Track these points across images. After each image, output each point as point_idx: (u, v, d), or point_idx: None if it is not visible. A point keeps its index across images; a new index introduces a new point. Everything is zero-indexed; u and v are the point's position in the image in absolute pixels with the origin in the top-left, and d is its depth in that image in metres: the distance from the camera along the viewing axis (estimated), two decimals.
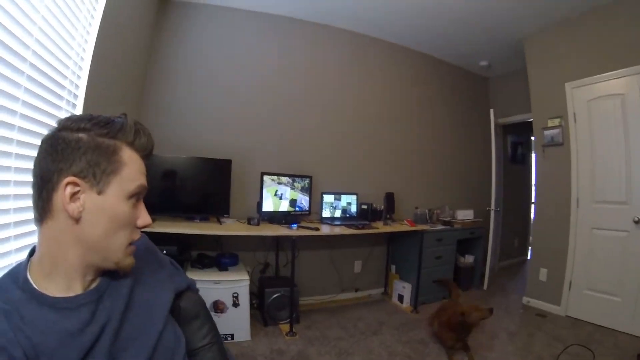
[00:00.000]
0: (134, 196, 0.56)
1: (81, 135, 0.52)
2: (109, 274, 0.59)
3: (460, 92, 3.89)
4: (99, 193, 0.52)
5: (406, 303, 2.99)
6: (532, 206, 4.40)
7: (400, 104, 3.47)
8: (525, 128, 3.83)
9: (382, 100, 3.36)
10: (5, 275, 0.55)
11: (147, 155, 0.60)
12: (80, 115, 0.56)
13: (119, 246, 0.55)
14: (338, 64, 3.16)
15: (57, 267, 0.53)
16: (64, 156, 0.51)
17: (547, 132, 2.93)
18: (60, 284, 0.53)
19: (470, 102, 3.97)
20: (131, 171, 0.55)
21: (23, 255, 1.04)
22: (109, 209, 0.53)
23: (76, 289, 0.54)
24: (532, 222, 3.89)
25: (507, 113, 3.89)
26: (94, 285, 0.57)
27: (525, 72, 3.15)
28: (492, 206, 3.46)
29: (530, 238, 4.03)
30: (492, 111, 3.50)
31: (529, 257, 4.19)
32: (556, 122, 2.87)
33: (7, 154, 0.98)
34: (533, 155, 4.26)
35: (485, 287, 3.42)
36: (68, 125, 0.53)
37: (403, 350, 2.20)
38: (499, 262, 4.12)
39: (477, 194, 3.87)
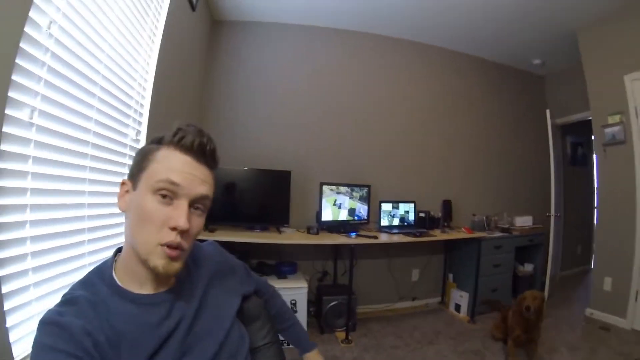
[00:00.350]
0: (161, 191, 0.55)
1: (142, 146, 0.61)
2: (184, 276, 0.65)
3: (515, 93, 3.73)
4: (134, 189, 0.58)
5: (463, 312, 2.90)
6: (595, 211, 4.09)
7: (454, 110, 3.40)
8: (585, 127, 3.59)
9: (436, 107, 3.33)
10: (92, 272, 0.61)
11: (194, 152, 0.58)
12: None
13: (144, 242, 0.55)
14: (392, 72, 3.17)
15: (128, 262, 0.59)
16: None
17: (607, 130, 2.73)
18: (134, 281, 0.59)
19: (526, 102, 3.79)
20: (159, 167, 0.56)
21: (96, 258, 1.17)
22: (137, 202, 0.57)
23: (147, 289, 0.60)
24: (595, 227, 3.62)
25: (565, 112, 3.67)
26: (167, 286, 0.62)
27: (582, 68, 2.96)
28: (552, 212, 3.26)
29: (594, 245, 3.75)
30: (548, 111, 3.32)
31: (592, 266, 3.91)
32: (616, 118, 2.67)
33: (82, 167, 1.10)
34: (594, 156, 3.98)
35: (545, 297, 3.22)
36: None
37: None
38: (561, 271, 3.86)
39: (536, 199, 3.69)
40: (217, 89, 2.70)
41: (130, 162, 1.42)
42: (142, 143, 1.56)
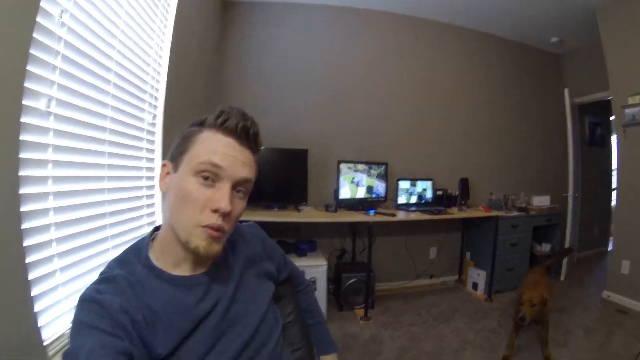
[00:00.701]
0: (203, 173, 0.55)
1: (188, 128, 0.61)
2: (221, 259, 0.65)
3: (532, 71, 3.66)
4: (175, 171, 0.58)
5: (480, 291, 2.92)
6: (614, 192, 4.03)
7: (472, 88, 3.37)
8: (604, 107, 3.51)
9: (453, 85, 3.29)
10: (129, 250, 0.62)
11: (238, 135, 0.58)
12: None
13: (185, 223, 0.55)
14: (408, 50, 3.14)
15: (166, 243, 0.60)
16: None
17: (627, 111, 2.66)
18: (170, 262, 0.59)
19: (543, 81, 3.72)
20: (200, 149, 0.56)
21: (117, 242, 1.20)
22: (178, 184, 0.57)
23: (184, 268, 0.60)
24: (613, 209, 3.57)
25: (583, 92, 3.59)
26: (204, 268, 0.62)
27: (602, 46, 2.88)
28: (570, 192, 3.24)
29: (612, 227, 3.70)
30: (566, 90, 3.27)
31: (609, 248, 3.88)
32: (637, 99, 2.59)
33: (101, 153, 1.11)
34: (613, 137, 3.90)
35: (562, 278, 3.22)
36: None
37: (475, 339, 2.17)
38: (578, 253, 3.83)
39: (554, 179, 3.64)
40: (231, 69, 2.69)
41: (148, 146, 1.46)
42: (159, 127, 1.57)
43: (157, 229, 0.65)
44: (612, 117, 3.22)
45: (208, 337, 0.57)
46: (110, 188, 1.16)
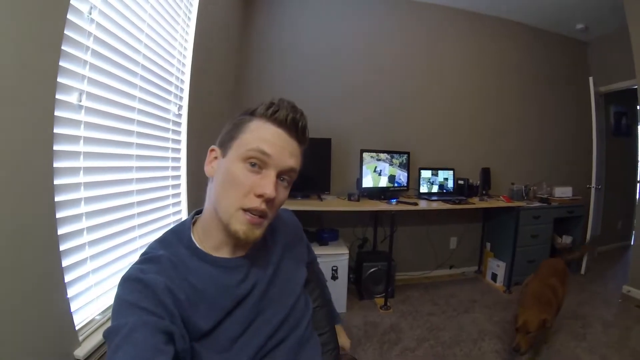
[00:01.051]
0: (251, 160, 0.57)
1: (238, 117, 0.63)
2: (259, 244, 0.66)
3: (557, 59, 3.57)
4: (223, 156, 0.61)
5: (499, 282, 2.91)
6: (638, 185, 3.92)
7: (494, 77, 3.31)
8: (630, 96, 3.40)
9: (476, 74, 3.24)
10: (170, 232, 0.64)
11: (287, 126, 0.60)
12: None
13: (227, 205, 0.57)
14: (431, 40, 3.10)
15: (208, 226, 0.62)
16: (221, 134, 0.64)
17: None
18: (211, 244, 0.62)
19: (568, 69, 3.62)
20: (251, 136, 0.58)
21: (145, 230, 1.24)
22: (225, 168, 0.59)
23: (224, 252, 0.63)
24: (637, 202, 3.48)
25: (609, 80, 3.49)
26: (243, 252, 0.65)
27: (628, 33, 2.78)
28: (593, 183, 3.17)
29: (635, 220, 3.61)
30: (591, 79, 3.18)
31: (632, 242, 3.78)
32: None
33: (129, 144, 1.13)
34: (639, 127, 3.79)
35: (582, 271, 3.17)
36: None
37: (493, 330, 2.18)
38: (599, 246, 3.77)
39: (577, 170, 3.57)
40: (254, 59, 2.69)
41: (174, 137, 1.50)
42: (184, 118, 1.60)
43: (198, 212, 0.68)
44: (638, 107, 3.11)
45: (246, 316, 0.60)
46: (138, 178, 1.19)
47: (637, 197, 3.73)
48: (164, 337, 0.47)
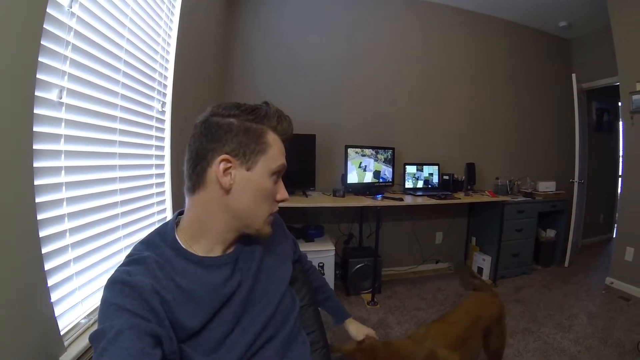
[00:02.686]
0: (276, 174, 0.64)
1: (232, 120, 0.61)
2: (243, 241, 0.69)
3: (540, 56, 3.63)
4: (248, 169, 0.61)
5: (485, 276, 2.95)
6: (620, 179, 4.02)
7: (478, 73, 3.34)
8: (612, 93, 3.47)
9: (460, 70, 3.27)
10: (154, 234, 0.64)
11: (287, 138, 0.68)
12: (227, 103, 0.64)
13: (261, 216, 0.64)
14: (416, 35, 3.11)
15: (205, 231, 0.62)
16: (217, 137, 0.60)
17: (635, 97, 2.64)
18: (204, 246, 0.62)
19: (551, 66, 3.68)
20: (275, 152, 0.63)
21: (129, 230, 1.20)
22: (255, 183, 0.62)
23: (216, 252, 0.63)
24: (619, 196, 3.56)
25: (591, 77, 3.56)
26: (230, 249, 0.66)
27: (611, 31, 2.84)
28: (576, 178, 3.23)
29: (617, 214, 3.70)
30: (574, 76, 3.23)
31: (614, 235, 3.87)
32: None
33: (112, 143, 1.10)
34: (620, 123, 3.87)
35: (566, 264, 3.24)
36: (219, 112, 0.62)
37: None
38: (583, 239, 3.85)
39: (560, 165, 3.64)
40: (238, 55, 2.66)
41: (157, 134, 1.46)
42: (168, 115, 1.56)
43: (180, 213, 0.68)
44: (619, 103, 3.18)
45: (233, 314, 0.60)
46: (121, 177, 1.16)
47: (619, 191, 3.82)
48: (151, 341, 0.46)
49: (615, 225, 3.94)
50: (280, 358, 0.66)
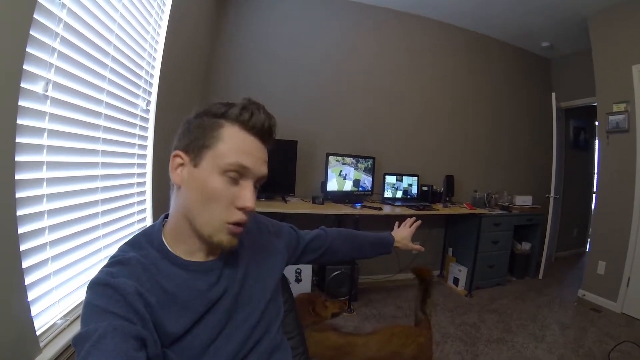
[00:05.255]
0: (230, 173, 0.55)
1: (193, 117, 0.59)
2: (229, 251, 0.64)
3: (521, 74, 3.73)
4: (195, 166, 0.56)
5: (461, 287, 2.99)
6: (594, 195, 4.15)
7: (460, 87, 3.41)
8: (589, 112, 3.60)
9: (442, 83, 3.33)
10: (140, 235, 0.62)
11: (262, 134, 0.59)
12: (214, 103, 0.60)
13: (209, 220, 0.56)
14: (399, 47, 3.16)
15: (180, 234, 0.60)
16: (180, 135, 0.59)
17: (612, 118, 2.74)
18: (185, 250, 0.60)
19: (532, 84, 3.80)
20: (227, 148, 0.55)
21: (109, 229, 1.19)
22: (202, 181, 0.55)
23: (198, 257, 0.61)
24: (592, 212, 3.68)
25: (570, 96, 3.68)
26: (215, 256, 0.63)
27: (591, 54, 2.95)
28: (552, 193, 3.32)
29: (590, 229, 3.81)
30: (553, 94, 3.33)
31: (587, 249, 4.00)
32: (622, 107, 2.67)
33: (95, 139, 1.09)
34: (596, 142, 4.01)
35: (540, 276, 3.32)
36: (196, 111, 0.60)
37: (455, 333, 2.24)
38: (557, 252, 3.96)
39: (537, 180, 3.75)
40: (223, 58, 2.66)
41: (141, 133, 1.44)
42: (152, 114, 1.55)
43: (167, 215, 0.65)
44: (596, 123, 3.30)
45: (218, 320, 0.58)
46: (103, 175, 1.14)
47: (593, 207, 3.94)
48: (135, 343, 0.45)
49: (589, 239, 4.07)
50: None
